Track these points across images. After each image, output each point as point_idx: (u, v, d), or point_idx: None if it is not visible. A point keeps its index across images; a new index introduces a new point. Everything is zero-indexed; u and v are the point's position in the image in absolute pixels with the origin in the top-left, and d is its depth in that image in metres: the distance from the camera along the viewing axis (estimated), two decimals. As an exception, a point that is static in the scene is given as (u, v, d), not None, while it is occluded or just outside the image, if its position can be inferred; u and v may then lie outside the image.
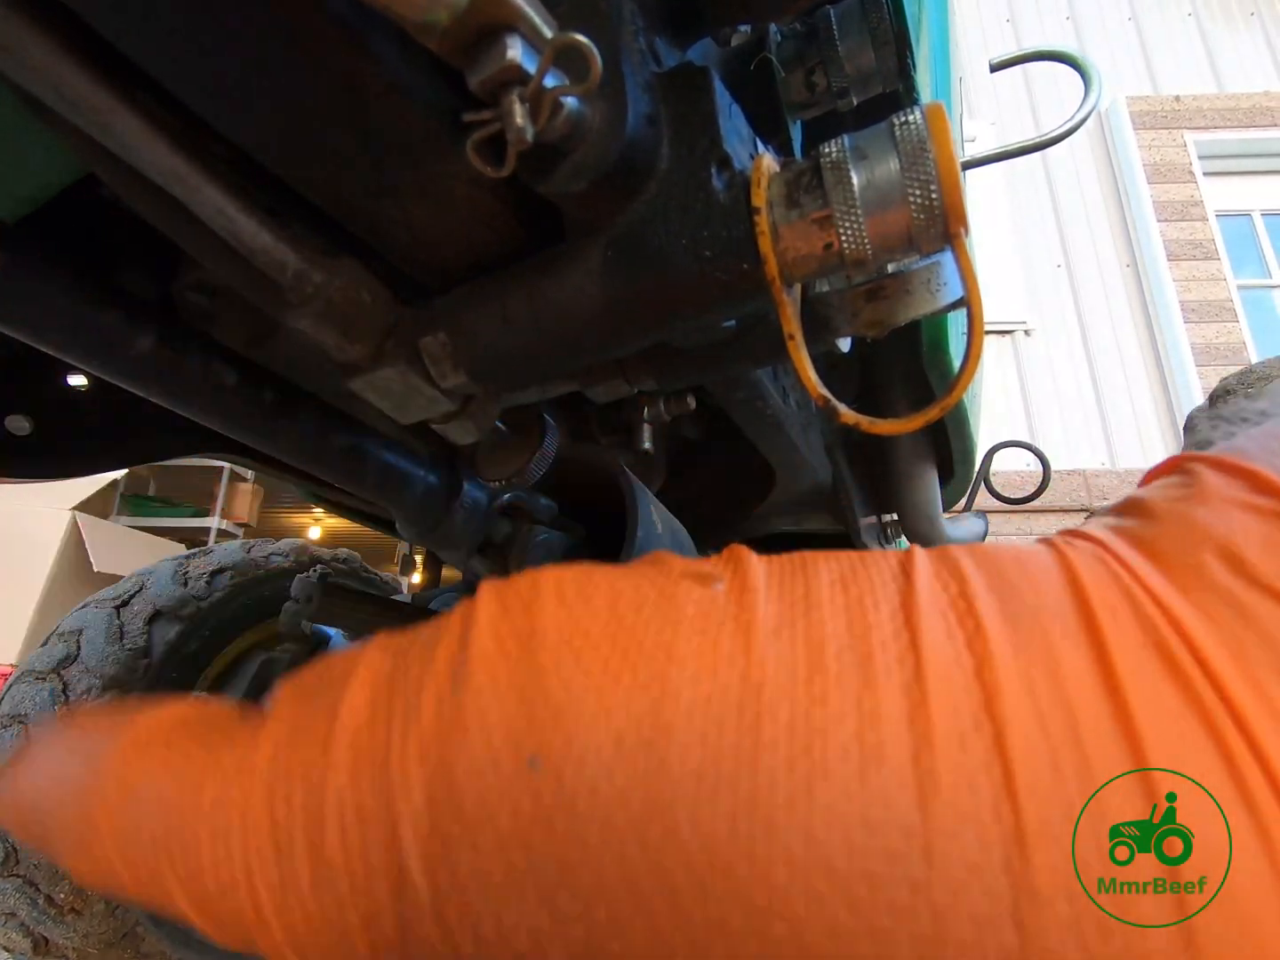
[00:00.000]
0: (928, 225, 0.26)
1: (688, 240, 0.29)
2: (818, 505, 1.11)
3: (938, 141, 0.25)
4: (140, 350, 0.38)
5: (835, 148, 0.27)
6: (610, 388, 0.47)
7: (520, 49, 0.23)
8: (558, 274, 0.31)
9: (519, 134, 0.24)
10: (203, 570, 1.31)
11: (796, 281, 0.30)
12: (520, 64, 0.23)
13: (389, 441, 0.53)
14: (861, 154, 0.26)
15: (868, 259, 0.27)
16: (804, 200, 0.27)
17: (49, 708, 1.10)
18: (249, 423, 0.44)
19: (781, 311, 0.29)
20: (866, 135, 0.27)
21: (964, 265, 0.27)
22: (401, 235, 0.34)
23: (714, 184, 0.29)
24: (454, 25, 0.22)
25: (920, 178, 0.25)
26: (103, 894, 0.70)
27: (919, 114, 0.26)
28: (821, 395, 0.30)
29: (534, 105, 0.24)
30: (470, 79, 0.24)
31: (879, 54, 0.39)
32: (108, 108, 0.25)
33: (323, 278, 0.33)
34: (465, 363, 0.35)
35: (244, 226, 0.31)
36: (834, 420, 0.30)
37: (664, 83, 0.30)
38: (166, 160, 0.28)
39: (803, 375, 0.30)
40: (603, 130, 0.27)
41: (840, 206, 0.26)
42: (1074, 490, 4.10)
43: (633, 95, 0.27)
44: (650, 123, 0.29)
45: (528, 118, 0.24)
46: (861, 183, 0.26)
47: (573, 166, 0.28)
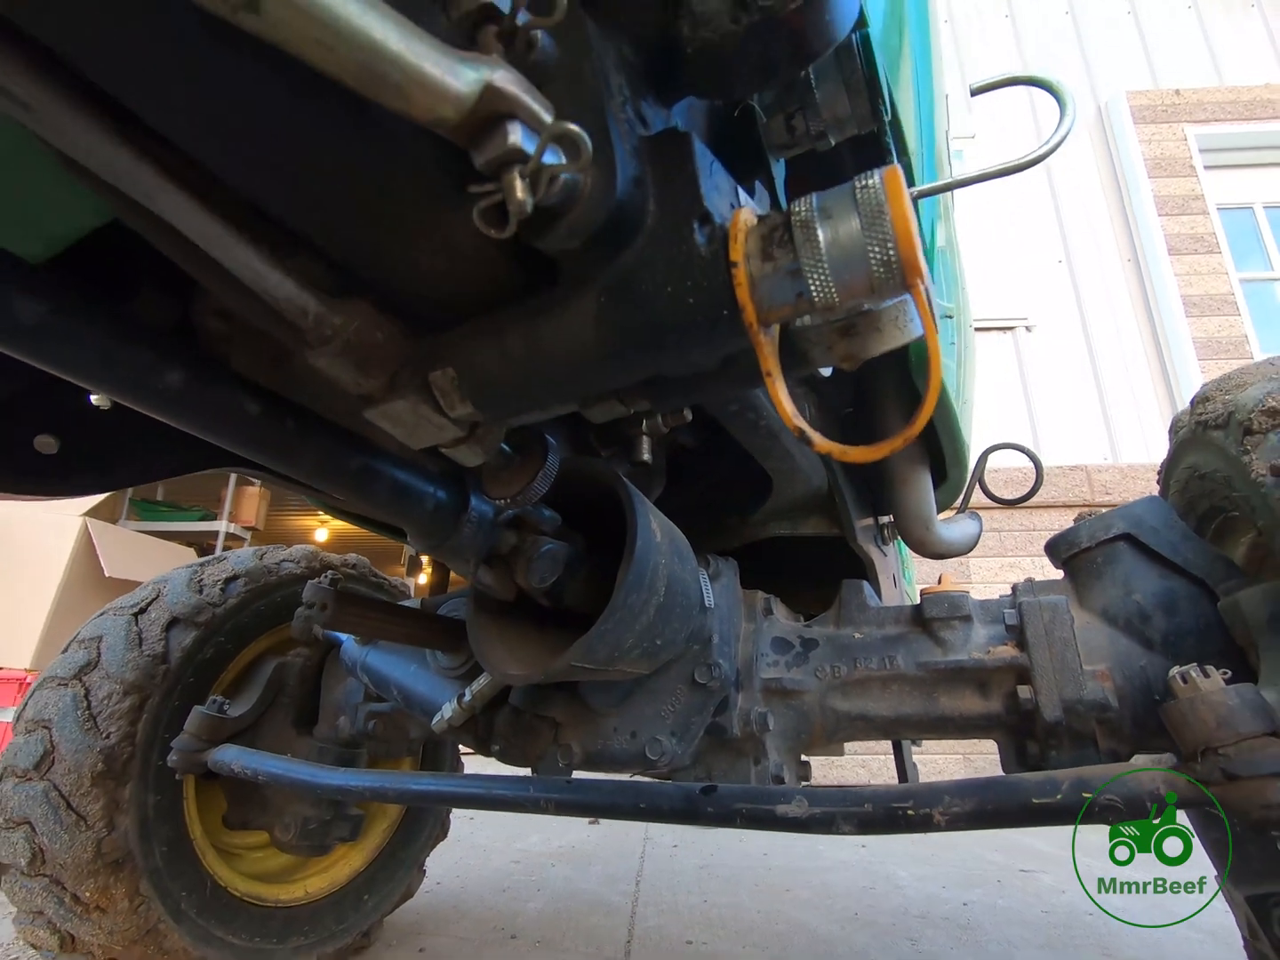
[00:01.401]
0: (887, 277, 0.29)
1: (673, 289, 0.32)
2: (814, 510, 1.14)
3: (893, 204, 0.28)
4: (170, 383, 0.41)
5: (804, 206, 0.30)
6: (607, 409, 0.50)
7: (521, 134, 0.26)
8: (554, 317, 0.34)
9: (520, 206, 0.27)
10: (217, 577, 1.34)
11: (773, 324, 0.33)
12: (521, 147, 0.26)
13: (400, 461, 0.56)
14: (827, 213, 0.29)
15: (835, 306, 0.30)
16: (777, 254, 0.30)
17: (71, 713, 1.13)
18: (271, 448, 0.47)
19: (759, 351, 0.32)
20: (832, 195, 0.30)
21: (921, 311, 0.30)
22: (412, 279, 0.37)
23: (696, 238, 0.31)
24: (463, 119, 0.25)
25: (879, 236, 0.28)
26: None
27: (878, 178, 0.29)
28: (797, 427, 0.33)
29: (533, 180, 0.27)
30: (476, 159, 0.27)
31: (853, 101, 0.42)
32: (154, 184, 0.29)
33: (341, 320, 0.36)
34: (471, 394, 0.38)
35: (270, 279, 0.34)
36: (809, 448, 0.33)
37: (650, 146, 0.33)
38: (203, 225, 0.31)
39: (779, 409, 0.33)
40: (594, 195, 0.30)
41: (809, 261, 0.29)
42: (1076, 486, 4.11)
43: (621, 162, 0.30)
44: (637, 184, 0.32)
45: (528, 191, 0.27)
46: (827, 240, 0.29)
47: (568, 226, 0.31)
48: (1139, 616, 0.82)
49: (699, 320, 0.32)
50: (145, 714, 1.16)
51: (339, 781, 1.02)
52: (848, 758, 3.72)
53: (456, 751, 1.74)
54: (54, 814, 1.08)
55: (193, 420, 0.43)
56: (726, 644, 0.94)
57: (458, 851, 2.35)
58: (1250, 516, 0.72)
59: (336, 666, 1.31)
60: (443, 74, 0.23)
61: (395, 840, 1.56)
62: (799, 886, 2.04)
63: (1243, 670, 0.75)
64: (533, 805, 0.83)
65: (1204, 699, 0.58)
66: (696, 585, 0.85)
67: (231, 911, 1.23)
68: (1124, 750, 0.81)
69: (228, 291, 0.38)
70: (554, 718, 0.96)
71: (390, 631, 0.95)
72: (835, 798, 0.69)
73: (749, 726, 0.90)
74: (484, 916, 1.74)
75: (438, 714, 0.98)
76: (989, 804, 0.63)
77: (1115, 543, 0.88)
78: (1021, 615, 0.86)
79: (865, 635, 0.96)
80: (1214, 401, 0.77)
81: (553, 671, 0.68)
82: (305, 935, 1.34)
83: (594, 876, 2.14)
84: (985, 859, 2.41)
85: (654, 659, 0.80)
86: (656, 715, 0.93)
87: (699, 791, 0.75)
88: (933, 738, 0.99)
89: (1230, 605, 0.75)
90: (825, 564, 1.30)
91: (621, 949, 1.53)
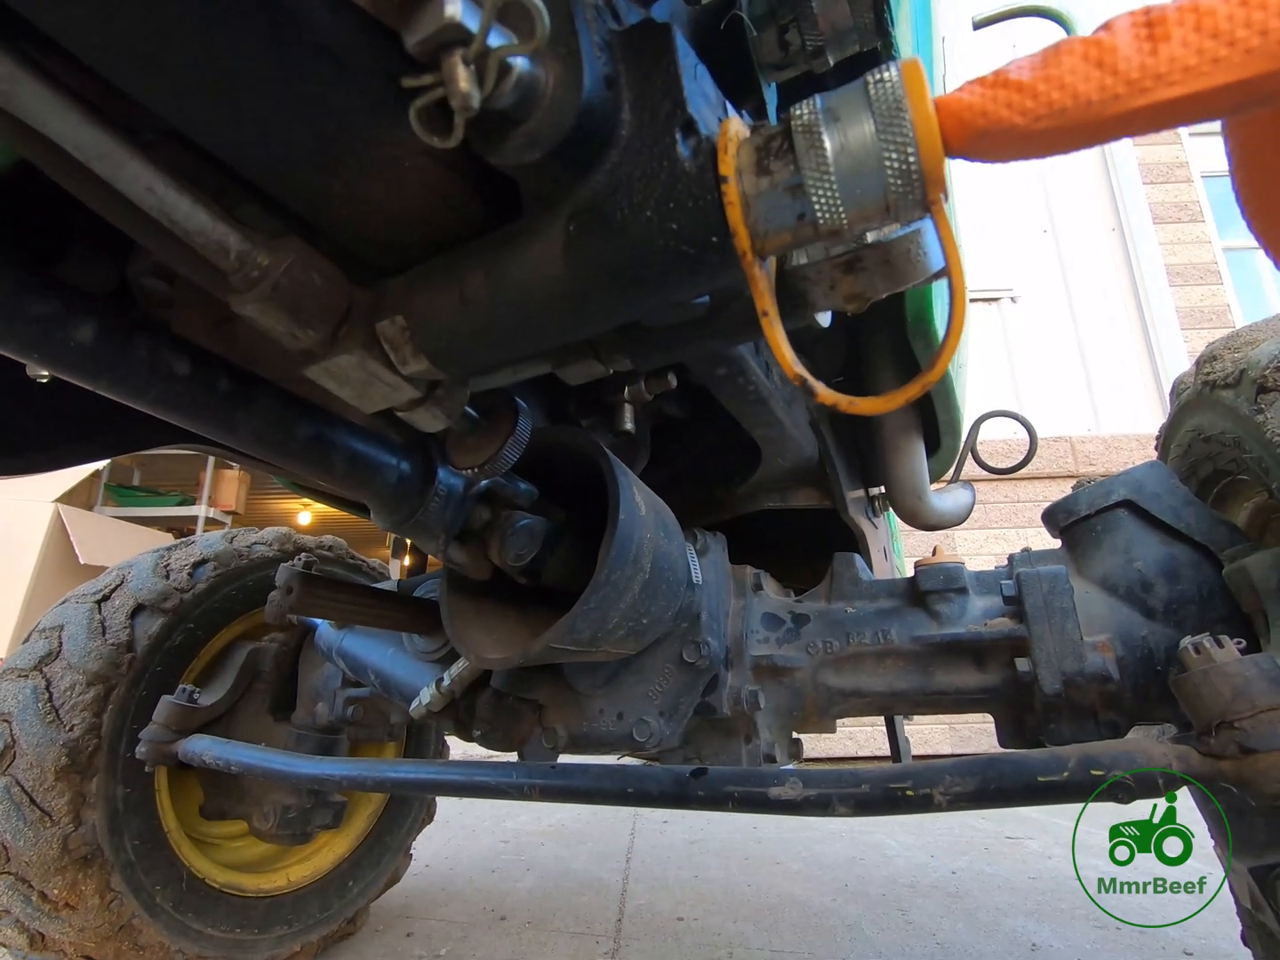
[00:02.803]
0: (905, 192, 0.24)
1: (652, 212, 0.27)
2: (804, 481, 1.10)
3: (914, 101, 0.23)
4: (80, 340, 0.36)
5: (807, 109, 0.25)
6: (583, 368, 0.46)
7: (460, 5, 0.21)
8: (517, 251, 0.30)
9: (464, 99, 0.22)
10: (185, 562, 1.29)
11: (770, 254, 0.28)
12: (461, 21, 0.21)
13: (358, 429, 0.51)
14: (834, 116, 0.25)
15: (843, 230, 0.26)
16: (774, 167, 0.26)
17: (32, 705, 1.08)
18: (204, 413, 0.42)
19: (754, 287, 0.27)
20: (840, 95, 0.25)
21: (944, 234, 0.26)
22: (349, 212, 0.32)
23: (679, 151, 0.27)
24: (383, -22, 0.20)
25: (897, 140, 0.24)
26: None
27: (895, 70, 0.24)
28: (797, 375, 0.28)
29: (479, 67, 0.22)
30: (407, 39, 0.22)
31: (855, 8, 0.37)
32: (7, 75, 0.23)
33: (268, 260, 0.31)
34: (425, 347, 0.33)
35: (176, 205, 0.29)
36: (812, 399, 0.29)
37: (624, 41, 0.28)
38: (81, 132, 0.26)
39: (777, 354, 0.28)
40: (557, 95, 0.25)
41: (813, 174, 0.25)
42: (1060, 457, 4.12)
43: (588, 54, 0.25)
44: (609, 85, 0.27)
45: (473, 81, 0.22)
46: (835, 147, 0.24)
47: (526, 135, 0.26)
48: (1140, 585, 0.80)
49: (684, 249, 0.28)
50: (110, 705, 1.11)
51: (315, 770, 0.98)
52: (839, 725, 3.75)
53: (441, 735, 1.70)
54: (16, 810, 1.04)
55: (110, 383, 0.38)
56: (715, 621, 0.90)
57: (447, 833, 2.34)
58: (1262, 478, 0.69)
59: (313, 651, 1.27)
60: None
61: (380, 825, 1.53)
62: (789, 859, 2.05)
63: (1248, 637, 0.72)
64: (516, 791, 0.80)
65: (1218, 670, 0.55)
66: (683, 561, 0.81)
67: (210, 903, 1.20)
68: (1124, 722, 0.79)
69: (136, 228, 0.33)
70: (538, 700, 0.93)
71: (362, 615, 0.90)
72: (830, 778, 0.66)
73: (739, 705, 0.87)
74: (473, 898, 1.73)
75: (416, 699, 0.94)
76: (992, 783, 0.60)
77: (1115, 509, 0.85)
78: (1020, 586, 0.83)
79: (858, 609, 0.93)
80: (1223, 360, 0.73)
81: (532, 654, 0.64)
82: (288, 924, 1.31)
83: (584, 854, 2.13)
84: (972, 826, 2.43)
85: (640, 638, 0.76)
86: (644, 695, 0.89)
87: (689, 775, 0.72)
88: (928, 712, 0.97)
89: (1237, 571, 0.72)
90: (816, 537, 1.27)
91: (612, 927, 1.52)
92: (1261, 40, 0.21)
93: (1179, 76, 0.22)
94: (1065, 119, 0.23)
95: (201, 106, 0.26)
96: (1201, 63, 0.22)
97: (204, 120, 0.26)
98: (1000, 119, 0.23)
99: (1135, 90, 0.22)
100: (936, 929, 1.49)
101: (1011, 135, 0.23)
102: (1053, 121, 0.23)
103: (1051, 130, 0.23)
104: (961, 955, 1.36)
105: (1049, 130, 0.23)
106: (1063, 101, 0.22)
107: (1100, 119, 0.22)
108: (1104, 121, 0.23)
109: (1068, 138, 0.23)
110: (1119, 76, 0.22)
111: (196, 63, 0.24)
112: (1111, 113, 0.22)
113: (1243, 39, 0.21)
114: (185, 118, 0.25)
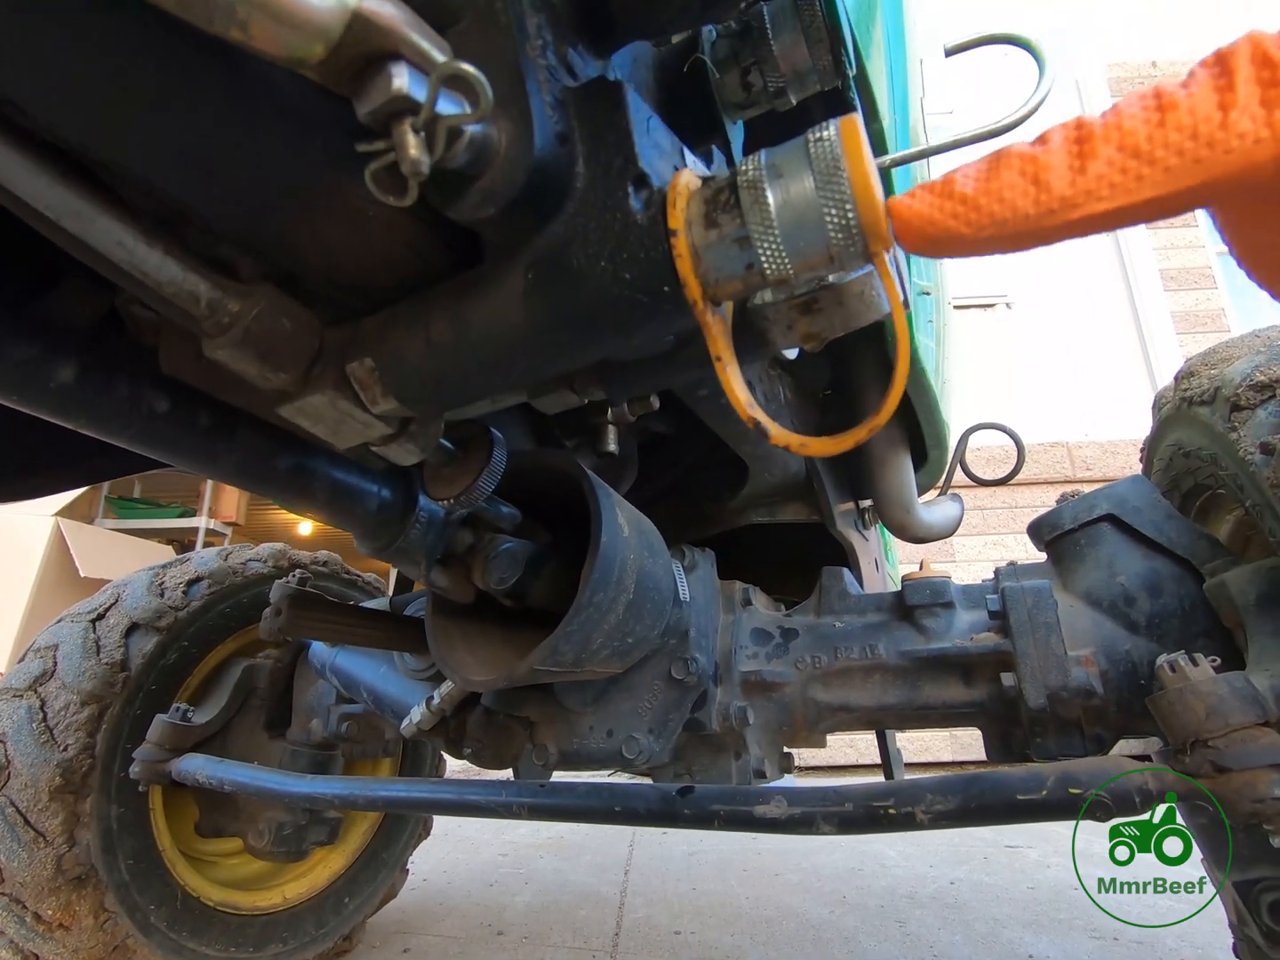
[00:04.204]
0: (847, 245, 0.25)
1: (607, 262, 0.28)
2: (792, 496, 1.11)
3: (851, 159, 0.24)
4: (62, 381, 0.37)
5: (752, 165, 0.26)
6: (558, 399, 0.47)
7: (407, 77, 0.22)
8: (479, 297, 0.30)
9: (414, 165, 0.23)
10: (179, 580, 1.29)
11: (723, 300, 0.29)
12: (408, 94, 0.22)
13: (339, 458, 0.52)
14: (778, 172, 0.26)
15: (790, 279, 0.27)
16: (722, 220, 0.26)
17: (27, 726, 1.09)
18: (185, 448, 0.43)
19: (706, 333, 0.28)
20: (783, 151, 0.26)
21: (887, 285, 0.27)
22: (319, 259, 0.33)
23: (631, 204, 0.28)
24: (331, 57, 0.21)
25: (835, 197, 0.24)
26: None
27: (833, 129, 0.25)
28: (751, 417, 0.29)
29: (428, 134, 0.23)
30: (359, 109, 0.23)
31: (813, 51, 0.38)
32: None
33: (239, 306, 0.32)
34: (394, 388, 0.34)
35: (147, 258, 0.29)
36: (765, 440, 0.30)
37: (576, 98, 0.28)
38: (51, 192, 0.27)
39: (731, 398, 0.29)
40: (510, 154, 0.26)
41: (757, 227, 0.26)
42: (1057, 462, 4.13)
43: (539, 114, 0.26)
44: (562, 141, 0.28)
45: (422, 148, 0.23)
46: (778, 202, 0.25)
47: (481, 191, 0.27)
48: (1123, 599, 0.80)
49: (638, 298, 0.28)
50: (105, 724, 1.11)
51: (307, 789, 0.98)
52: (835, 737, 3.74)
53: (437, 750, 1.70)
54: (11, 831, 1.04)
55: (90, 421, 0.39)
56: (704, 637, 0.91)
57: (445, 845, 2.33)
58: (1237, 495, 0.70)
59: (308, 667, 1.27)
60: (290, -4, 0.18)
61: (376, 841, 1.53)
62: (787, 870, 2.04)
63: (1230, 651, 0.73)
64: (505, 810, 0.80)
65: (1192, 689, 0.55)
66: (669, 579, 0.82)
67: (204, 922, 1.20)
68: (1109, 736, 0.79)
69: (110, 272, 0.34)
70: (528, 717, 0.93)
71: (353, 635, 0.91)
72: (815, 797, 0.66)
73: (728, 721, 0.87)
74: (470, 912, 1.72)
75: (406, 718, 0.94)
76: (972, 801, 0.61)
77: (1098, 524, 0.85)
78: (1004, 600, 0.84)
79: (846, 624, 0.94)
80: (1199, 377, 0.74)
81: (516, 677, 0.64)
82: (284, 942, 1.31)
83: (582, 867, 2.13)
84: (973, 834, 2.42)
85: (626, 658, 0.77)
86: (633, 712, 0.90)
87: (675, 793, 0.72)
88: (917, 727, 0.97)
89: (1217, 586, 0.73)
90: (807, 549, 1.28)
91: (609, 941, 1.52)
92: (1179, 160, 0.23)
93: (1106, 192, 0.24)
94: (1006, 229, 0.24)
95: (168, 166, 0.26)
96: (1126, 180, 0.23)
97: (172, 179, 0.27)
98: (948, 228, 0.25)
99: (1067, 205, 0.24)
100: (934, 940, 1.48)
101: (959, 242, 0.25)
102: (995, 231, 0.24)
103: (995, 237, 0.25)
104: (958, 968, 1.35)
105: (993, 238, 0.25)
106: (1003, 214, 0.24)
107: (1039, 229, 0.24)
108: (1043, 231, 0.24)
109: (1012, 243, 0.25)
110: (1052, 193, 0.24)
111: (160, 127, 0.24)
112: (1048, 224, 0.24)
113: (1162, 158, 0.23)
114: (153, 176, 0.26)
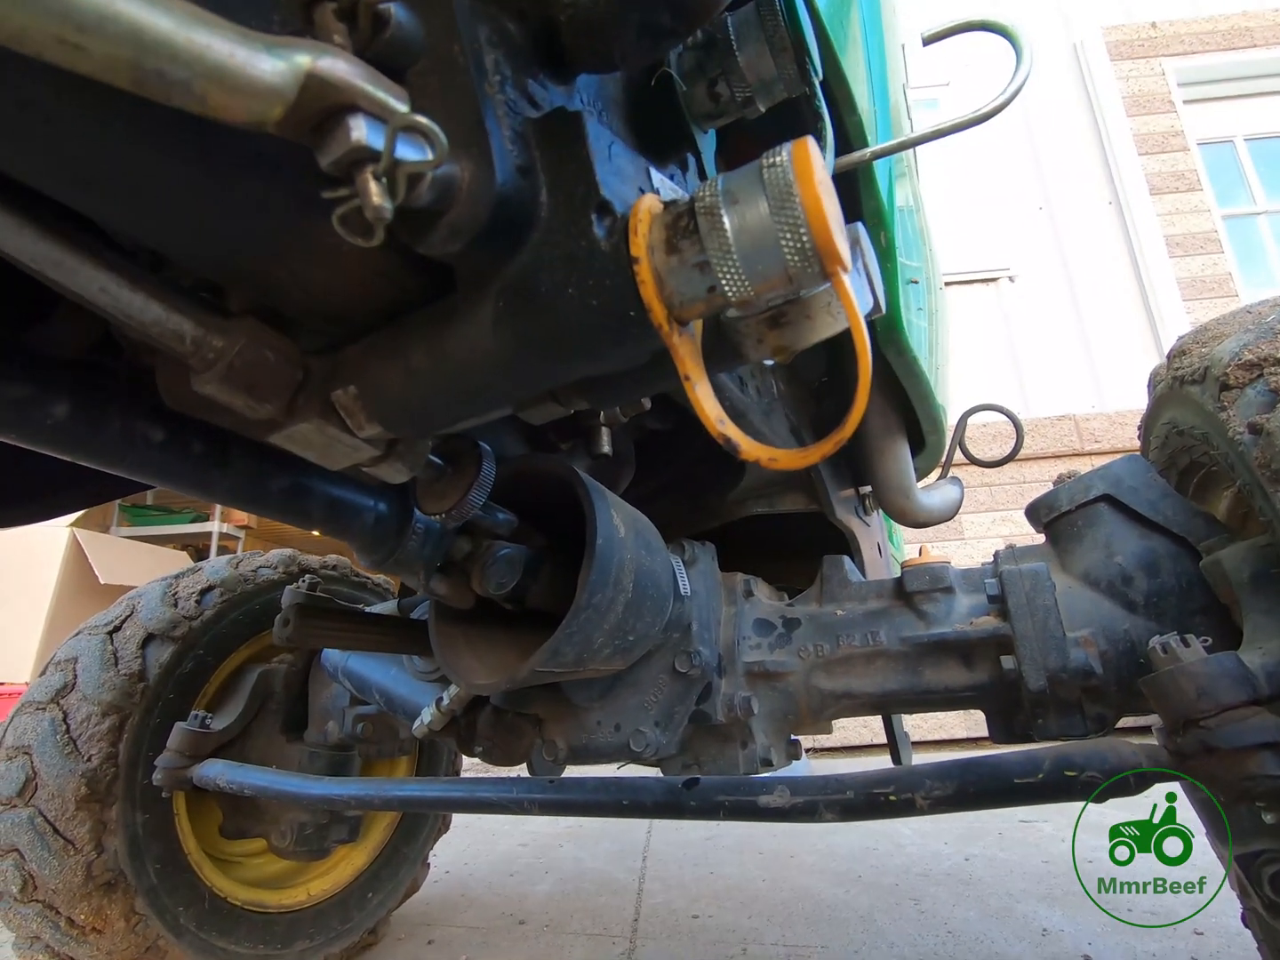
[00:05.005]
0: (804, 267, 0.26)
1: (574, 289, 0.28)
2: (791, 485, 1.11)
3: (802, 184, 0.25)
4: (57, 417, 0.38)
5: (709, 191, 0.27)
6: (544, 411, 0.47)
7: (365, 129, 0.23)
8: (453, 326, 0.31)
9: (377, 211, 0.23)
10: (192, 590, 1.31)
11: (689, 321, 0.30)
12: (367, 144, 0.23)
13: (334, 475, 0.53)
14: (733, 198, 0.26)
15: (752, 300, 0.27)
16: (683, 246, 0.27)
17: (50, 738, 1.12)
18: (180, 475, 0.44)
19: (674, 354, 0.29)
20: (738, 177, 0.27)
21: (845, 303, 0.27)
22: (299, 295, 0.33)
23: (594, 231, 0.28)
24: (289, 116, 0.22)
25: (789, 221, 0.25)
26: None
27: (785, 154, 0.25)
28: (721, 434, 0.30)
29: (390, 180, 0.24)
30: (321, 160, 0.24)
31: (778, 62, 0.38)
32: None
33: (222, 343, 0.33)
34: (377, 414, 0.35)
35: (130, 302, 0.30)
36: (736, 456, 0.31)
37: (537, 130, 0.29)
38: (36, 247, 0.28)
39: (701, 415, 0.30)
40: (473, 190, 0.27)
41: (716, 253, 0.26)
42: (1065, 435, 4.10)
43: (499, 150, 0.27)
44: (524, 174, 0.28)
45: (384, 193, 0.24)
46: (735, 227, 0.26)
47: (448, 227, 0.27)
48: (1121, 579, 0.81)
49: (606, 323, 0.29)
50: (126, 734, 1.14)
51: (325, 791, 1.00)
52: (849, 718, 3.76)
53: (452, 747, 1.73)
54: (41, 840, 1.07)
55: (85, 454, 0.40)
56: (706, 630, 0.92)
57: (466, 837, 2.37)
58: (1229, 474, 0.70)
59: (322, 671, 1.30)
60: (241, 65, 0.19)
61: (397, 837, 1.56)
62: (803, 851, 2.07)
63: (1227, 628, 0.73)
64: (516, 807, 0.82)
65: (1183, 670, 0.56)
66: (669, 575, 0.83)
67: (232, 921, 1.23)
68: (1110, 715, 0.80)
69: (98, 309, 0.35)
70: (537, 715, 0.95)
71: (361, 641, 0.93)
72: (817, 785, 0.68)
73: (734, 711, 0.88)
74: (492, 902, 1.76)
75: (417, 719, 0.96)
76: (970, 786, 0.62)
77: (1095, 504, 0.86)
78: (1003, 584, 0.85)
79: (847, 612, 0.95)
80: (1190, 355, 0.74)
81: (519, 679, 0.66)
82: (310, 938, 1.34)
83: (602, 854, 2.16)
84: (985, 811, 2.44)
85: (628, 655, 0.78)
86: (639, 706, 0.91)
87: (681, 785, 0.74)
88: (920, 711, 0.98)
89: (1212, 564, 0.73)
90: (809, 536, 1.29)
91: (629, 927, 1.55)
92: None
93: None
94: None
95: (142, 218, 0.27)
96: None
97: (148, 229, 0.28)
98: None
99: None
100: (948, 917, 1.50)
101: None
102: None
103: None
104: (972, 943, 1.37)
105: None
106: None
107: None
108: None
109: None
110: None
111: (134, 179, 0.25)
112: None
113: None
114: (129, 227, 0.27)
